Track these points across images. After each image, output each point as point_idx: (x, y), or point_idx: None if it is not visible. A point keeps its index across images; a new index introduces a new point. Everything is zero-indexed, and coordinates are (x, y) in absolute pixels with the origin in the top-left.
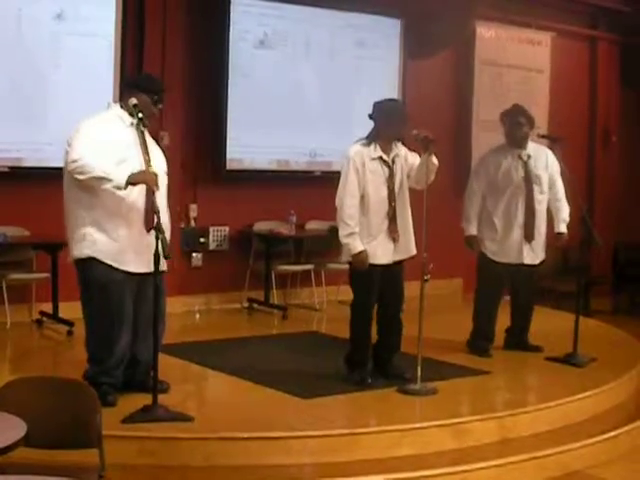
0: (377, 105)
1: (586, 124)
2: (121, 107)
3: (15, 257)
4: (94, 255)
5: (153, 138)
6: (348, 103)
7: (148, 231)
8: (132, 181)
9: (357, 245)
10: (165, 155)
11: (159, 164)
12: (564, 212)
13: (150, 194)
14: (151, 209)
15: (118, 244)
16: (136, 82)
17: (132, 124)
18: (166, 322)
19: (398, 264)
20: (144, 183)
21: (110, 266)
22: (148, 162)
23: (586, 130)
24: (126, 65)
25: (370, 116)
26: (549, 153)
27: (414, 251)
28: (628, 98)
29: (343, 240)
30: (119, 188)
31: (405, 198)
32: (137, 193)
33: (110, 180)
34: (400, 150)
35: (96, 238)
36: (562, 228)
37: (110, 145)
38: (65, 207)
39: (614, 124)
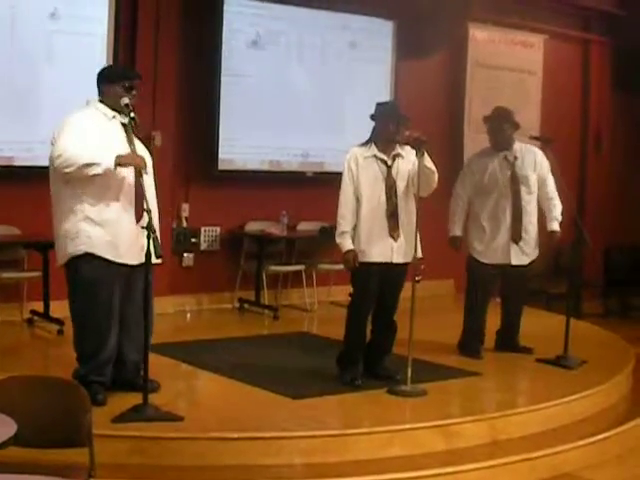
0: (377, 106)
1: (578, 127)
2: (100, 102)
3: (6, 256)
4: (90, 250)
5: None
6: (340, 104)
7: (138, 222)
8: (121, 162)
9: (346, 244)
10: (151, 153)
11: (148, 156)
12: (556, 210)
13: (139, 186)
14: (141, 203)
15: (112, 237)
16: (105, 74)
17: (114, 117)
18: (154, 321)
19: (400, 266)
20: (133, 165)
21: (105, 260)
22: (134, 152)
23: (578, 133)
24: (119, 64)
25: (372, 116)
26: (538, 152)
27: (419, 254)
28: (620, 101)
29: (336, 238)
30: (109, 170)
31: (409, 201)
32: (126, 184)
33: (99, 164)
34: (406, 153)
35: (90, 233)
36: (555, 226)
37: (95, 135)
38: (54, 206)
39: (606, 127)
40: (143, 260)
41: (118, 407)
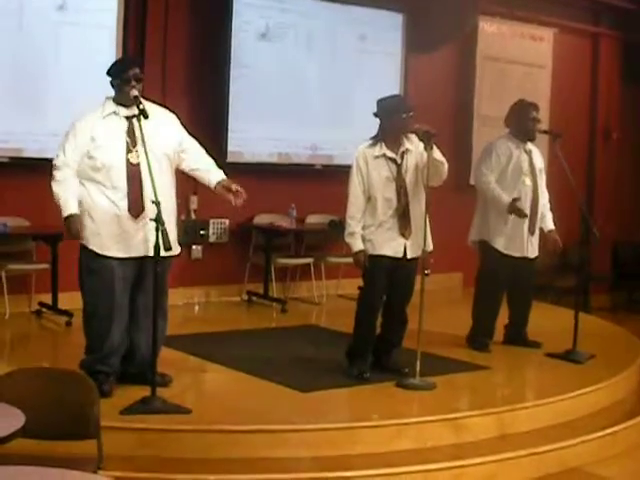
0: (380, 103)
1: (587, 121)
2: (113, 98)
3: (15, 247)
4: (83, 242)
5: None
6: (349, 97)
7: (136, 218)
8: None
9: (356, 245)
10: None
11: (160, 148)
12: (548, 208)
13: (133, 179)
14: (137, 197)
15: (100, 231)
16: (110, 71)
17: (114, 113)
18: (168, 316)
19: (412, 261)
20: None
21: (96, 252)
22: (130, 149)
23: (587, 127)
24: (125, 56)
25: (375, 114)
26: (537, 149)
27: (430, 247)
28: (629, 95)
29: (345, 238)
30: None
31: (420, 195)
32: (119, 180)
33: (61, 205)
34: (413, 145)
35: (85, 225)
36: (552, 224)
37: (87, 144)
38: None
39: (615, 121)
40: (149, 252)
41: (126, 399)
